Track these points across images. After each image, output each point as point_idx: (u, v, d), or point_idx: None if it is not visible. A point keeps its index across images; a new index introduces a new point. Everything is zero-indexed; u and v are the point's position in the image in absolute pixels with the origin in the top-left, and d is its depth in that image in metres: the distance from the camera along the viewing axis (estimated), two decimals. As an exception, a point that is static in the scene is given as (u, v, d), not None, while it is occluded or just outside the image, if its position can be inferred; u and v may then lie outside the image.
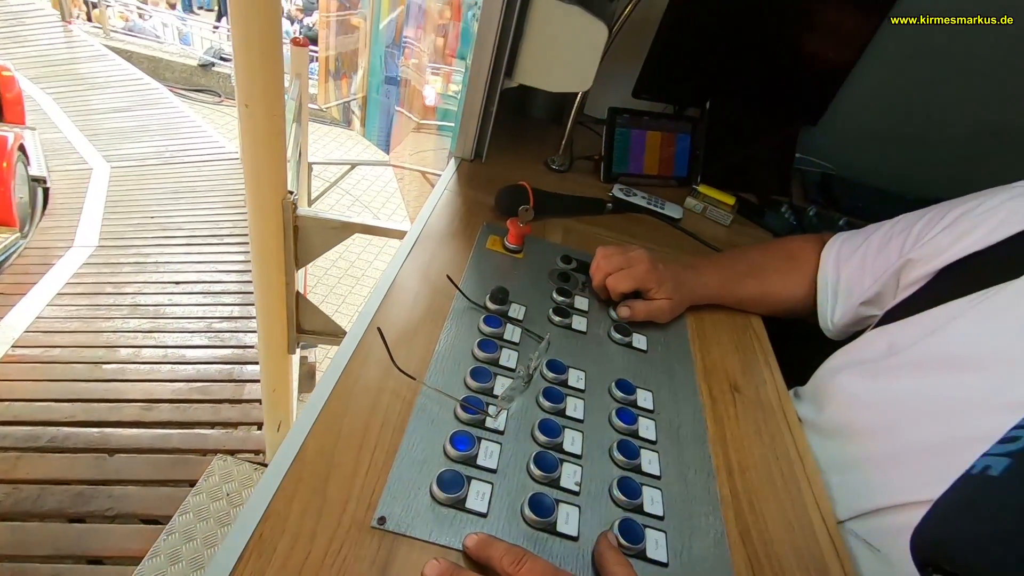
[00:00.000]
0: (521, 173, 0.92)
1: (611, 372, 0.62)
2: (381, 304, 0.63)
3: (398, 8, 3.96)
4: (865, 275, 0.71)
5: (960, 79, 1.25)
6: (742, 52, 1.17)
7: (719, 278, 0.77)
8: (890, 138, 1.33)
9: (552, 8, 0.87)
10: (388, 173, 6.02)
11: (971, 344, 0.49)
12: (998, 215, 0.57)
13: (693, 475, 0.54)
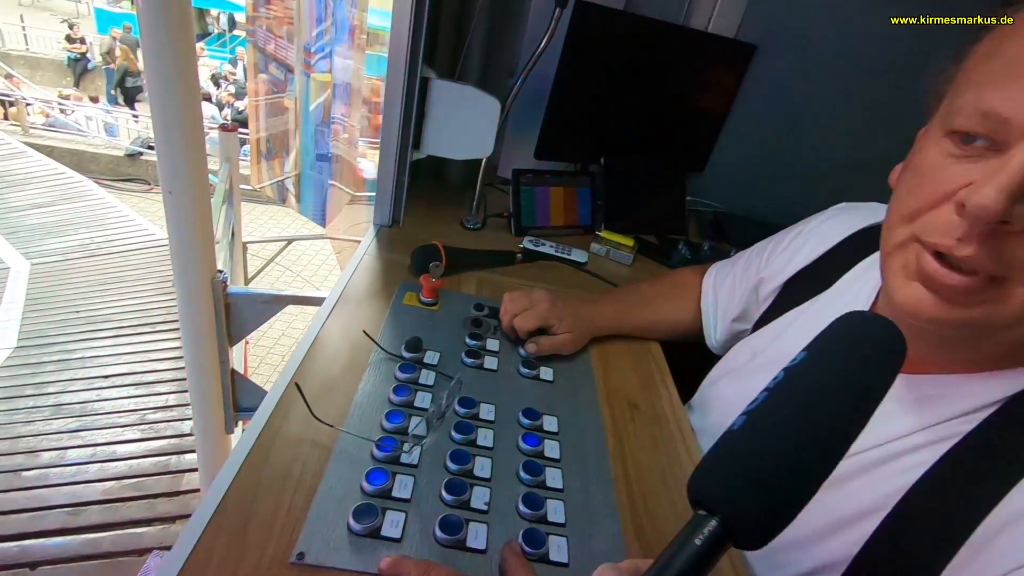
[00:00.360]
0: (438, 234, 1.00)
1: (519, 403, 0.69)
2: (302, 362, 0.68)
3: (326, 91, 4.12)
4: (734, 295, 0.82)
5: (817, 122, 1.45)
6: (628, 111, 1.33)
7: (615, 310, 0.86)
8: (767, 176, 1.52)
9: (448, 89, 0.99)
10: (326, 246, 6.05)
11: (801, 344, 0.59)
12: (816, 237, 0.70)
13: (594, 486, 0.60)
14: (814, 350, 0.32)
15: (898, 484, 0.46)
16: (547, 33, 1.03)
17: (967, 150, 0.40)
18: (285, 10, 4.23)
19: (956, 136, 0.41)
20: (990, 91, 0.38)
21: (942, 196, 0.41)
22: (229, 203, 2.81)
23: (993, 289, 0.40)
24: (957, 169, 0.40)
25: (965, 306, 0.41)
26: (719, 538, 0.29)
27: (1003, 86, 0.37)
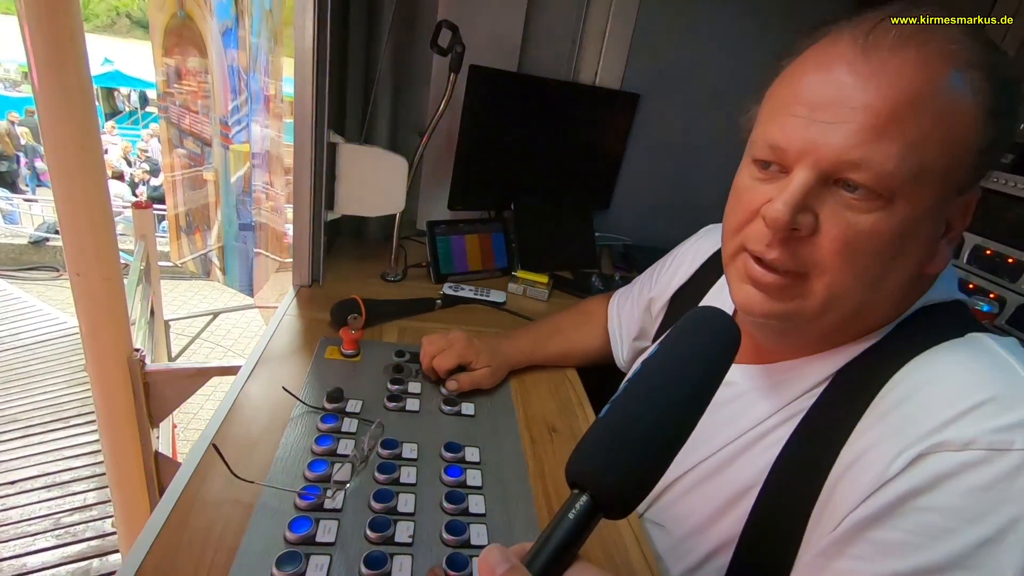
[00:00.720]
0: (360, 288, 1.03)
1: (442, 438, 0.72)
2: (220, 426, 0.68)
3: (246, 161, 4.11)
4: (633, 317, 0.89)
5: (701, 157, 1.62)
6: (533, 159, 1.43)
7: (530, 342, 0.91)
8: (665, 208, 1.66)
9: (356, 151, 1.05)
10: (256, 316, 5.85)
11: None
12: (689, 256, 0.79)
13: (515, 506, 0.64)
14: (664, 342, 0.39)
15: (765, 459, 0.53)
16: (445, 95, 1.11)
17: (765, 174, 0.49)
18: (199, 84, 4.23)
19: (757, 163, 0.50)
20: (772, 127, 0.48)
21: (753, 212, 0.50)
22: (147, 281, 2.71)
23: (799, 285, 0.48)
24: (761, 189, 0.49)
25: (782, 300, 0.49)
26: (590, 510, 0.33)
27: (780, 122, 0.47)
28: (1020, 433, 0.38)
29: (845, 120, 0.43)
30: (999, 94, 0.43)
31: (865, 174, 0.42)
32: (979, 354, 0.45)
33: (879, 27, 0.43)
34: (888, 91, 0.42)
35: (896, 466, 0.41)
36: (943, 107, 0.42)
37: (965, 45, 0.42)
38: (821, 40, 0.47)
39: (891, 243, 0.44)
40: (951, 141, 0.42)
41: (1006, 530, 0.37)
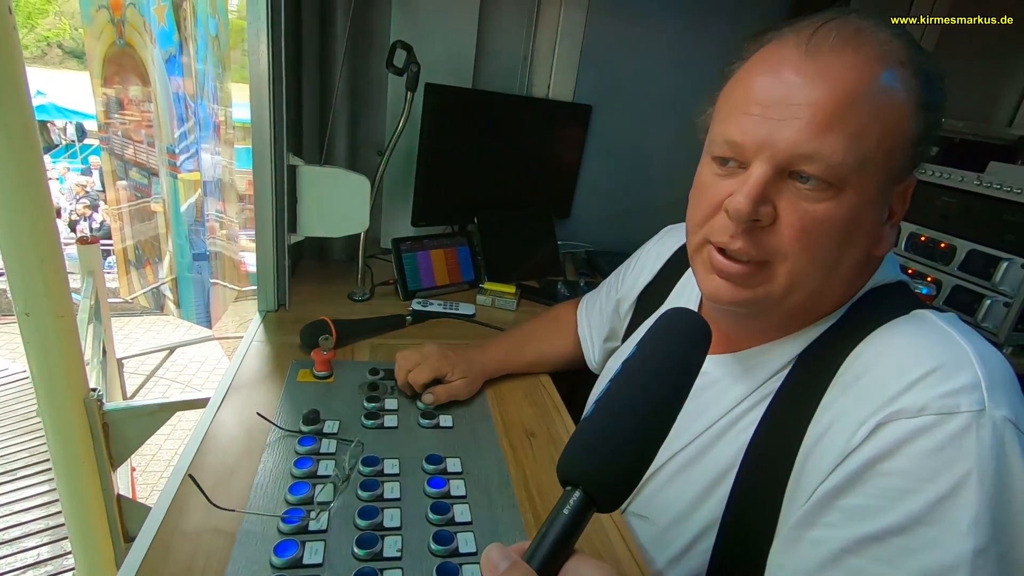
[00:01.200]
0: (327, 310, 1.03)
1: (422, 451, 0.72)
2: (195, 456, 0.67)
3: (197, 189, 4.00)
4: (602, 319, 0.92)
5: (654, 163, 1.67)
6: (493, 172, 1.45)
7: (503, 351, 0.93)
8: (624, 214, 1.71)
9: (317, 173, 1.05)
10: (215, 349, 5.66)
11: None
12: (652, 256, 0.82)
13: (500, 512, 0.65)
14: (641, 343, 0.41)
15: (740, 442, 0.56)
16: (403, 114, 1.13)
17: (725, 170, 0.53)
18: (143, 114, 4.11)
19: (717, 160, 0.53)
20: (729, 125, 0.51)
21: (716, 206, 0.53)
22: (97, 320, 2.60)
23: (763, 272, 0.52)
24: (721, 184, 0.53)
25: (748, 287, 0.53)
26: (584, 505, 0.35)
27: (736, 121, 0.50)
28: (964, 396, 0.42)
29: (795, 116, 0.46)
30: (926, 89, 0.48)
31: (816, 165, 0.46)
32: (924, 328, 0.49)
33: (819, 32, 0.47)
34: (831, 90, 0.46)
35: (859, 436, 0.44)
36: (880, 102, 0.46)
37: (894, 46, 0.47)
38: (767, 45, 0.52)
39: (843, 228, 0.48)
40: (888, 133, 0.47)
41: (959, 485, 0.40)
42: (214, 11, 3.04)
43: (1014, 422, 0.42)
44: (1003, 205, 1.33)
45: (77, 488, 1.33)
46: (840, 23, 0.48)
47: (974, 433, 0.41)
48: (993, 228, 1.34)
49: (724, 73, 0.57)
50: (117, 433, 1.39)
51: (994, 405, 0.42)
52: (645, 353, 0.40)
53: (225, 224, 4.04)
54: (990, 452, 0.40)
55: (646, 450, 0.37)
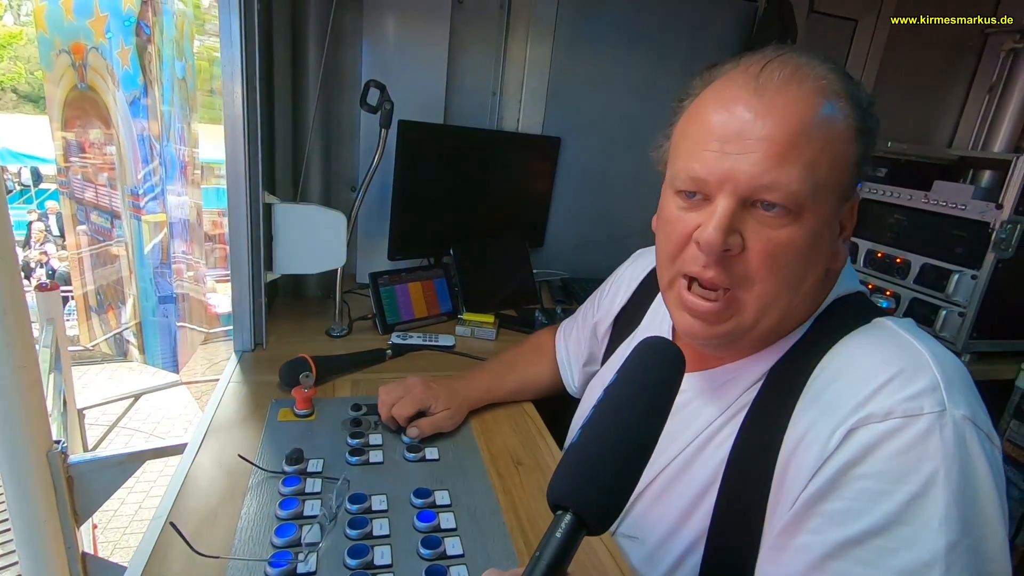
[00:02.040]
0: (305, 347, 1.01)
1: (409, 486, 0.71)
2: (175, 501, 0.65)
3: (162, 231, 3.93)
4: (580, 344, 0.93)
5: (622, 191, 1.73)
6: (467, 205, 1.48)
7: (485, 381, 0.93)
8: (596, 241, 1.75)
9: (292, 210, 1.05)
10: (183, 394, 5.46)
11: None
12: (626, 280, 0.85)
13: (492, 542, 0.64)
14: (622, 370, 0.43)
15: (719, 456, 0.57)
16: (377, 151, 1.15)
17: (691, 203, 0.55)
18: (104, 157, 4.04)
19: (681, 194, 0.56)
20: (691, 161, 0.54)
21: (685, 238, 0.55)
22: (56, 370, 2.49)
23: (732, 306, 0.54)
24: (689, 217, 0.55)
25: (719, 323, 0.55)
26: (575, 527, 0.36)
27: (697, 156, 0.53)
28: (926, 399, 0.45)
29: (751, 151, 0.50)
30: (861, 115, 0.52)
31: (777, 194, 0.49)
32: (884, 336, 0.53)
33: (765, 70, 0.51)
34: (782, 124, 0.49)
35: (833, 442, 0.46)
36: (826, 132, 0.50)
37: (831, 80, 0.51)
38: (715, 82, 0.55)
39: (805, 249, 0.51)
40: (836, 159, 0.51)
41: (928, 484, 0.42)
42: (181, 54, 3.05)
43: (972, 419, 0.44)
44: (950, 221, 1.41)
45: (38, 548, 1.26)
46: (782, 61, 0.52)
47: (937, 433, 0.43)
48: (942, 242, 1.42)
49: (675, 109, 0.61)
50: (82, 487, 1.33)
51: (953, 405, 0.44)
52: (625, 379, 0.42)
53: (192, 266, 3.96)
54: (954, 450, 0.43)
55: (631, 470, 0.38)
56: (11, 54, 14.82)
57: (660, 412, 0.41)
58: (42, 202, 10.59)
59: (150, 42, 3.10)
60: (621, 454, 0.38)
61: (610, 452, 0.38)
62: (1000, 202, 1.30)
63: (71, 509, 1.32)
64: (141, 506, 4.83)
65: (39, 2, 3.45)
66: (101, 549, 4.31)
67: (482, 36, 1.51)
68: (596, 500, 0.36)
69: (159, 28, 3.08)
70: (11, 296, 1.13)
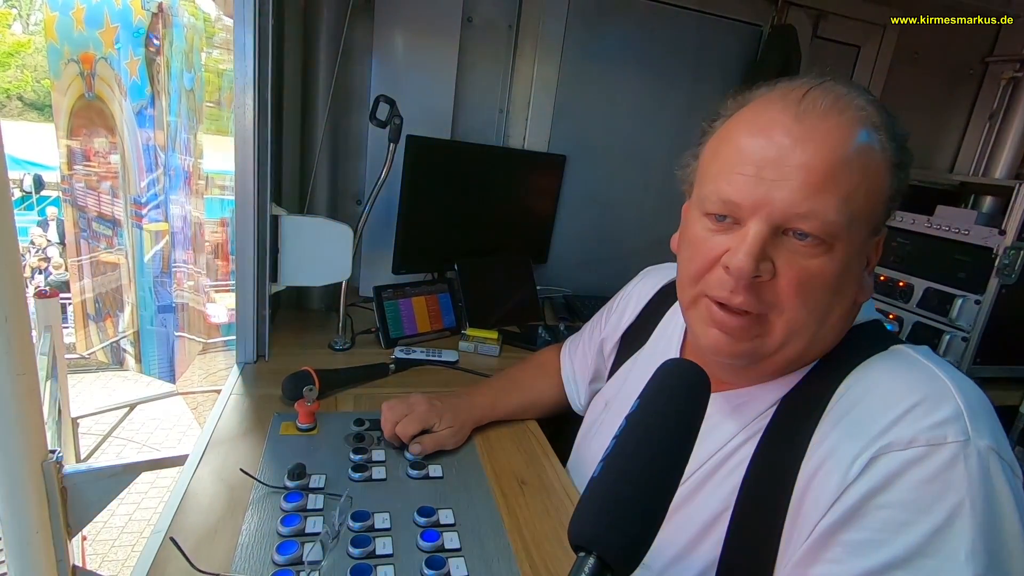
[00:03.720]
0: (307, 360, 1.01)
1: (413, 504, 0.70)
2: (175, 516, 0.64)
3: (163, 239, 3.93)
4: (587, 361, 0.93)
5: (626, 210, 1.73)
6: (472, 220, 1.48)
7: (489, 398, 0.92)
8: (599, 258, 1.75)
9: (299, 222, 1.05)
10: (179, 405, 5.42)
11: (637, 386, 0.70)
12: (634, 298, 0.85)
13: (497, 564, 0.63)
14: (644, 397, 0.41)
15: (733, 481, 0.56)
16: (385, 165, 1.15)
17: (720, 226, 0.55)
18: (108, 165, 4.06)
19: (711, 216, 0.55)
20: (722, 184, 0.53)
21: (712, 261, 0.55)
22: (53, 377, 2.47)
23: (760, 325, 0.54)
24: (717, 240, 0.55)
25: (746, 340, 0.54)
26: (598, 572, 0.33)
27: (729, 180, 0.53)
28: (950, 427, 0.44)
29: (788, 177, 0.49)
30: (898, 150, 0.52)
31: (812, 223, 0.49)
32: (904, 363, 0.52)
33: (808, 96, 0.51)
34: (822, 152, 0.49)
35: (854, 470, 0.45)
36: (865, 164, 0.50)
37: (870, 112, 0.51)
38: (750, 104, 0.55)
39: (835, 281, 0.51)
40: (872, 192, 0.50)
41: (953, 515, 0.42)
42: (189, 66, 3.08)
43: (997, 450, 0.44)
44: (952, 245, 1.42)
45: (29, 560, 1.24)
46: (823, 89, 0.52)
47: (962, 463, 0.43)
48: (945, 267, 1.43)
49: (704, 129, 0.60)
50: (76, 498, 1.30)
51: (977, 435, 0.44)
52: (648, 408, 0.40)
53: (192, 275, 3.96)
54: (979, 481, 0.42)
55: (657, 509, 0.36)
56: (19, 62, 14.97)
57: (685, 445, 0.39)
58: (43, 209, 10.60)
59: (159, 53, 3.13)
60: (647, 492, 0.36)
61: (636, 490, 0.36)
62: (1003, 228, 1.31)
63: (64, 521, 1.30)
64: (131, 518, 4.77)
65: (50, 12, 3.49)
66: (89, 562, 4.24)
67: (490, 54, 1.53)
68: (622, 543, 0.34)
69: (168, 40, 3.12)
70: (13, 302, 1.12)
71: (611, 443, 0.39)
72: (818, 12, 1.70)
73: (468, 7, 1.46)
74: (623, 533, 0.34)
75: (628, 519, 0.35)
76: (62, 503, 1.31)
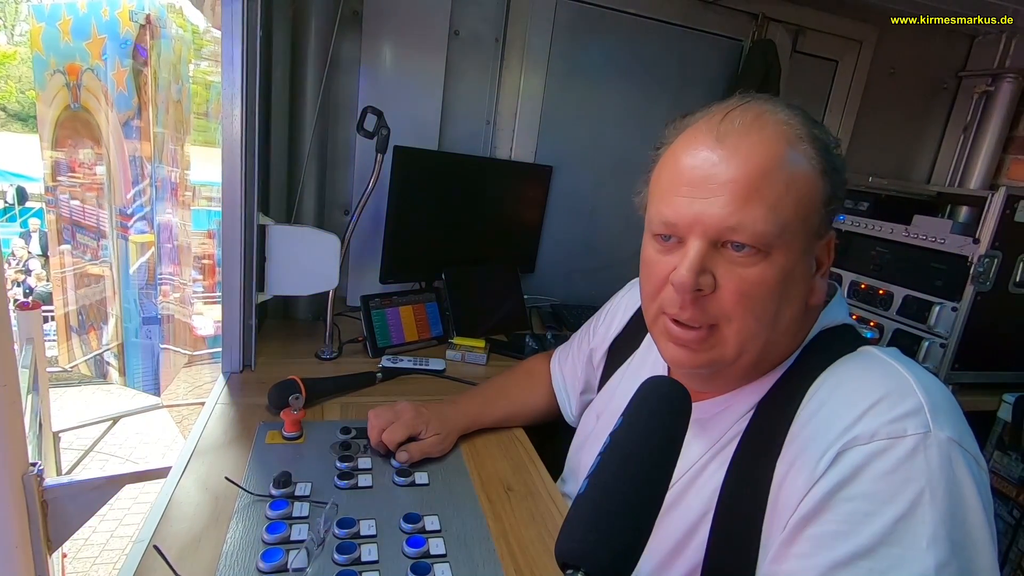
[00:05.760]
0: (294, 369, 1.00)
1: (399, 511, 0.70)
2: (159, 524, 0.63)
3: (149, 251, 3.90)
4: (576, 371, 0.94)
5: (612, 220, 1.75)
6: (459, 230, 1.49)
7: (476, 406, 0.93)
8: (585, 268, 1.77)
9: (286, 232, 1.05)
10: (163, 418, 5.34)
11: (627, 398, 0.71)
12: (621, 309, 0.86)
13: (482, 569, 0.63)
14: (627, 414, 0.43)
15: (711, 488, 0.58)
16: (373, 175, 1.16)
17: (666, 246, 0.57)
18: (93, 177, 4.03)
19: (657, 237, 0.58)
20: (663, 206, 0.56)
21: (663, 279, 0.57)
22: (34, 391, 2.43)
23: (713, 336, 0.56)
24: (664, 260, 0.57)
25: (703, 351, 0.57)
26: None
27: (668, 202, 0.56)
28: (910, 421, 0.46)
29: (717, 194, 0.52)
30: (826, 157, 0.54)
31: (743, 234, 0.51)
32: (869, 363, 0.54)
33: (727, 118, 0.54)
34: (744, 168, 0.51)
35: (822, 465, 0.47)
36: (788, 175, 0.52)
37: (793, 124, 0.54)
38: (685, 130, 0.58)
39: (777, 287, 0.53)
40: (801, 200, 0.53)
41: (914, 504, 0.43)
42: (177, 77, 3.08)
43: (958, 441, 0.45)
44: (930, 254, 1.45)
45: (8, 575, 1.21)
46: (744, 109, 0.55)
47: (922, 454, 0.44)
48: (923, 275, 1.46)
49: (652, 157, 0.63)
50: (56, 512, 1.28)
51: (938, 427, 0.45)
52: (632, 425, 0.41)
53: (178, 287, 3.92)
54: (939, 471, 0.44)
55: (644, 524, 0.37)
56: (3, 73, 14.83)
57: (670, 459, 0.40)
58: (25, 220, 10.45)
59: (146, 65, 3.13)
60: (633, 508, 0.36)
61: (621, 506, 0.36)
62: (977, 236, 1.34)
63: (44, 535, 1.28)
64: (113, 534, 4.66)
65: (36, 23, 3.48)
66: None
67: (477, 66, 1.55)
68: (610, 559, 0.34)
69: (156, 52, 3.12)
70: (-5, 312, 1.11)
71: (595, 460, 0.40)
72: (797, 27, 1.74)
73: (455, 20, 1.48)
74: (610, 549, 0.35)
75: (615, 536, 0.35)
76: (42, 516, 1.29)
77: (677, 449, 0.41)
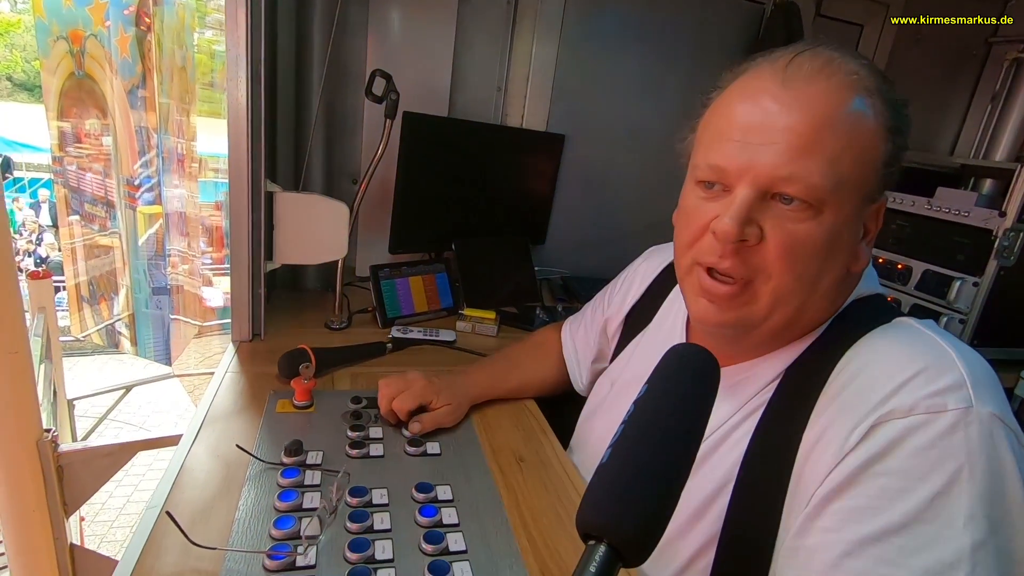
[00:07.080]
0: (303, 339, 0.99)
1: (411, 480, 0.70)
2: (171, 491, 0.63)
3: (157, 222, 3.89)
4: (589, 341, 0.92)
5: (624, 191, 1.72)
6: (469, 199, 1.46)
7: (487, 376, 0.92)
8: (597, 240, 1.74)
9: (294, 200, 1.03)
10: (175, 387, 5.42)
11: (645, 366, 0.69)
12: (638, 277, 0.84)
13: (495, 538, 0.63)
14: (652, 381, 0.40)
15: (734, 456, 0.56)
16: (381, 142, 1.13)
17: (710, 193, 0.55)
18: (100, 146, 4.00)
19: (701, 184, 0.55)
20: (712, 152, 0.53)
21: (703, 227, 0.54)
22: (48, 359, 2.46)
23: (746, 293, 0.54)
24: (707, 207, 0.54)
25: (733, 309, 0.54)
26: (610, 560, 0.32)
27: (718, 148, 0.53)
28: (951, 396, 0.44)
29: (774, 141, 0.49)
30: (893, 114, 0.51)
31: (796, 186, 0.49)
32: (907, 334, 0.52)
33: (794, 62, 0.51)
34: (807, 115, 0.48)
35: (853, 438, 0.45)
36: (852, 127, 0.49)
37: (862, 75, 0.50)
38: (743, 75, 0.55)
39: (823, 247, 0.50)
40: (861, 156, 0.49)
41: (952, 482, 0.41)
42: (181, 44, 3.02)
43: (1000, 417, 0.43)
44: (952, 227, 1.41)
45: (26, 537, 1.24)
46: (812, 54, 0.51)
47: (963, 430, 0.42)
48: (944, 249, 1.42)
49: (703, 101, 0.60)
50: (72, 477, 1.31)
51: (980, 402, 0.43)
52: (656, 392, 0.39)
53: (186, 258, 3.93)
54: (979, 447, 0.42)
55: (670, 494, 0.35)
56: (7, 42, 14.70)
57: (696, 428, 0.37)
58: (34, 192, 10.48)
59: (150, 31, 3.07)
60: (657, 478, 0.34)
61: (647, 476, 0.34)
62: (1003, 210, 1.30)
63: (60, 499, 1.30)
64: (129, 499, 4.78)
65: (38, -12, 3.41)
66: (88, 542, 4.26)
67: (488, 31, 1.50)
68: (634, 530, 0.32)
69: (159, 17, 3.06)
70: (3, 281, 1.11)
71: (619, 429, 0.37)
72: (821, -11, 1.67)
73: (466, -18, 1.43)
74: (635, 520, 0.33)
75: (639, 506, 0.33)
76: (58, 481, 1.31)
77: (705, 417, 0.38)
